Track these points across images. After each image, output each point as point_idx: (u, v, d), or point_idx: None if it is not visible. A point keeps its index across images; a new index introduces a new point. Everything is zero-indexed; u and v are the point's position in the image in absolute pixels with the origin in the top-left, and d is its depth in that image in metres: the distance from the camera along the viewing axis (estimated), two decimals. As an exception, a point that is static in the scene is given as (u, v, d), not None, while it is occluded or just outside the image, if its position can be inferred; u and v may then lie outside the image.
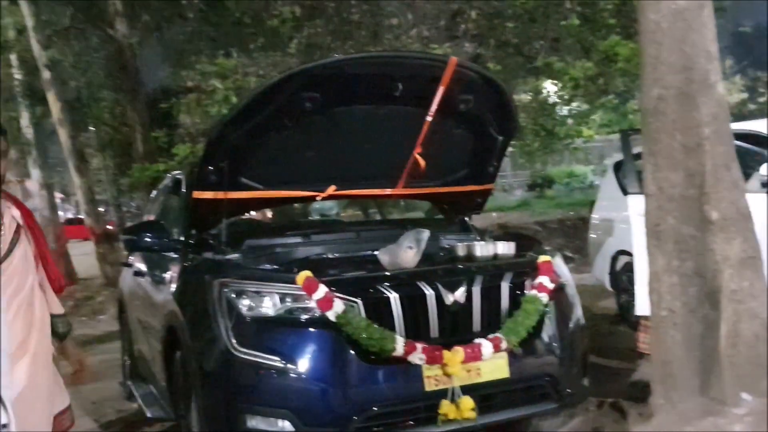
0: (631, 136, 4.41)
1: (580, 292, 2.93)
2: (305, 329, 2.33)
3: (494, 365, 2.41)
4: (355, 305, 2.34)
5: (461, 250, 2.90)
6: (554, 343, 2.59)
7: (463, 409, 2.30)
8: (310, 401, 2.26)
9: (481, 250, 2.85)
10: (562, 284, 2.74)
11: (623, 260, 4.87)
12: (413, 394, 2.33)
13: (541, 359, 2.58)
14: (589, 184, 15.96)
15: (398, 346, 2.27)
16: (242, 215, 3.58)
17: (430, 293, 2.42)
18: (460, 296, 2.46)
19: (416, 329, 2.39)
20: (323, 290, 2.30)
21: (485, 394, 2.42)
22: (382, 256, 2.74)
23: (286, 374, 2.26)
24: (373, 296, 2.39)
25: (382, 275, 2.54)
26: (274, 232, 3.46)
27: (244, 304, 2.36)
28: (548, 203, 14.16)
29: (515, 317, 2.49)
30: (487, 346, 2.38)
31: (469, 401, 2.31)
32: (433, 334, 2.41)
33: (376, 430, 2.31)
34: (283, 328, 2.35)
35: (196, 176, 2.85)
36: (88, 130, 14.22)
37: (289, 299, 2.36)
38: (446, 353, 2.31)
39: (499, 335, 2.43)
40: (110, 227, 12.84)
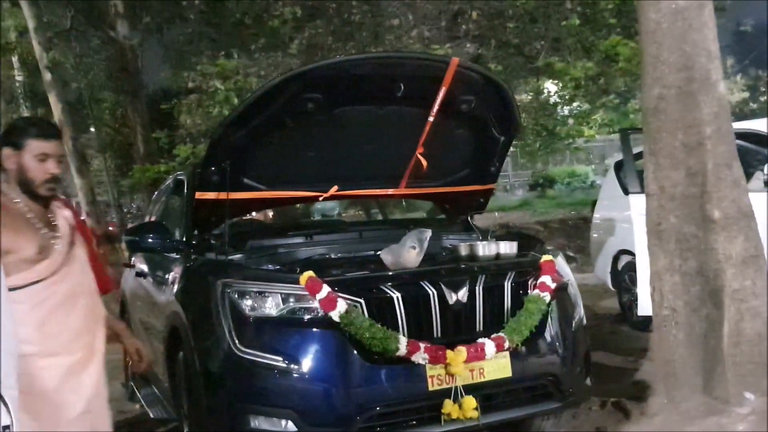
0: (630, 134, 4.41)
1: (582, 291, 2.94)
2: (308, 329, 2.33)
3: (497, 365, 2.41)
4: (358, 305, 2.34)
5: (463, 249, 2.90)
6: (557, 342, 2.59)
7: (466, 408, 2.30)
8: (313, 401, 2.26)
9: (483, 249, 2.84)
10: (564, 284, 2.74)
11: (625, 260, 4.87)
12: (416, 393, 2.33)
13: (543, 359, 2.57)
14: (590, 183, 15.95)
15: (401, 345, 2.27)
16: (244, 216, 3.58)
17: (432, 293, 2.41)
18: (462, 296, 2.46)
19: (419, 329, 2.38)
20: (326, 290, 2.30)
21: (488, 393, 2.42)
22: (384, 256, 2.74)
23: (289, 374, 2.26)
24: (375, 296, 2.38)
25: (384, 275, 2.53)
26: (276, 232, 3.46)
27: (247, 304, 2.36)
28: (550, 203, 14.14)
29: (518, 317, 2.49)
30: (489, 345, 2.38)
31: (472, 401, 2.31)
32: (435, 333, 2.41)
33: (379, 429, 2.31)
34: (286, 328, 2.34)
35: (198, 177, 2.85)
36: (89, 131, 14.26)
37: (292, 299, 2.36)
38: (449, 353, 2.31)
39: (501, 335, 2.42)
40: (111, 228, 12.84)
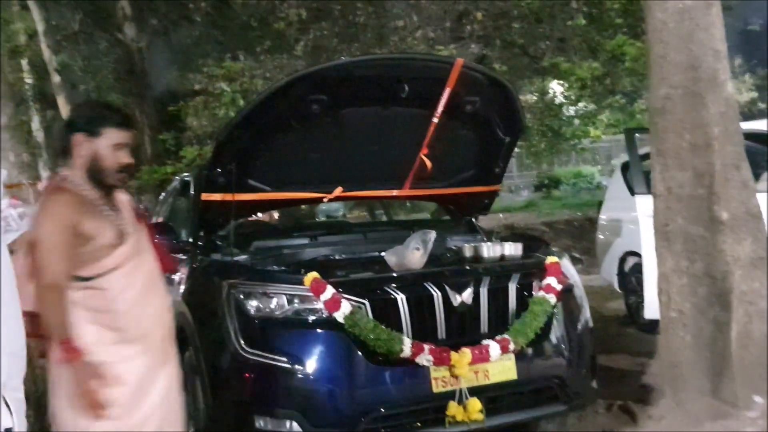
0: (636, 135, 4.38)
1: (588, 293, 2.92)
2: (313, 330, 2.33)
3: (502, 367, 2.40)
4: (362, 306, 2.34)
5: (468, 251, 2.89)
6: (562, 344, 2.58)
7: (470, 410, 2.30)
8: (317, 402, 2.26)
9: (488, 251, 2.83)
10: (569, 285, 2.72)
11: (632, 261, 4.84)
12: (421, 395, 2.32)
13: (549, 361, 2.57)
14: (596, 184, 15.86)
15: (405, 347, 2.27)
16: (250, 217, 3.59)
17: (437, 294, 2.41)
18: (467, 297, 2.45)
19: (423, 330, 2.38)
20: (331, 291, 2.30)
21: (493, 395, 2.41)
22: (389, 257, 2.73)
23: (293, 375, 2.26)
24: (380, 297, 2.38)
25: (389, 276, 2.53)
26: (281, 233, 3.47)
27: (252, 305, 2.36)
28: (555, 204, 14.07)
29: (523, 318, 2.48)
30: (494, 347, 2.37)
31: (476, 403, 2.31)
32: (440, 335, 2.41)
33: (383, 431, 2.30)
34: (291, 329, 2.35)
35: (204, 178, 2.86)
36: (96, 133, 14.28)
37: (296, 300, 2.36)
38: (454, 355, 2.31)
39: (506, 337, 2.42)
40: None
